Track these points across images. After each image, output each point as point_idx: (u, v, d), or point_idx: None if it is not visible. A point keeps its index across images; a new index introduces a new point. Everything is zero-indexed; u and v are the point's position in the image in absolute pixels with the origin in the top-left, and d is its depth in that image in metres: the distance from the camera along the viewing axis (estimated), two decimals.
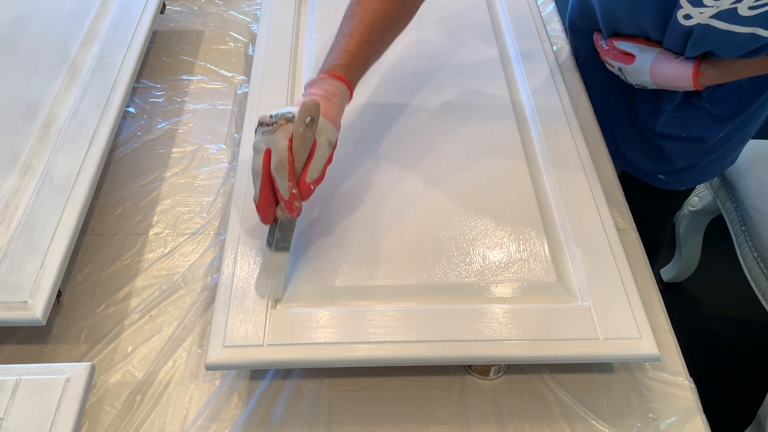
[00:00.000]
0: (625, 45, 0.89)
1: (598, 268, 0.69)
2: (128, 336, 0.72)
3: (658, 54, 0.86)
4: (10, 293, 0.65)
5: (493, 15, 1.02)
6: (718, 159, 1.04)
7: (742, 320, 1.66)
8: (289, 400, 0.67)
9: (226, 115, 0.97)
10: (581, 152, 0.81)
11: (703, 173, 1.07)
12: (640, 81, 0.90)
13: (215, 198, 0.86)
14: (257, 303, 0.65)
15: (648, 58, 0.86)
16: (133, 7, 0.99)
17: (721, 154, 1.03)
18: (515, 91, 0.90)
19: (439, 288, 0.68)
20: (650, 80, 0.88)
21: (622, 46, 0.89)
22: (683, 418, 0.66)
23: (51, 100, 0.84)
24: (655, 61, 0.86)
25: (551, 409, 0.66)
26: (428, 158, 0.81)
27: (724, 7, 0.72)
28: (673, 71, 0.85)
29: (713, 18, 0.74)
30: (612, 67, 0.94)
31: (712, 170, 1.07)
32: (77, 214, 0.72)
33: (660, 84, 0.88)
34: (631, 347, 0.63)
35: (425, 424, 0.65)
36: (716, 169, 1.07)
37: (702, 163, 1.04)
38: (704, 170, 1.06)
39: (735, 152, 1.06)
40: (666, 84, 0.87)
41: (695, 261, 1.66)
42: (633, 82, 0.92)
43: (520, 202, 0.76)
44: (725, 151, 1.03)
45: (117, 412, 0.66)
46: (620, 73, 0.93)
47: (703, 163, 1.04)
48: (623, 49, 0.89)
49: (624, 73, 0.92)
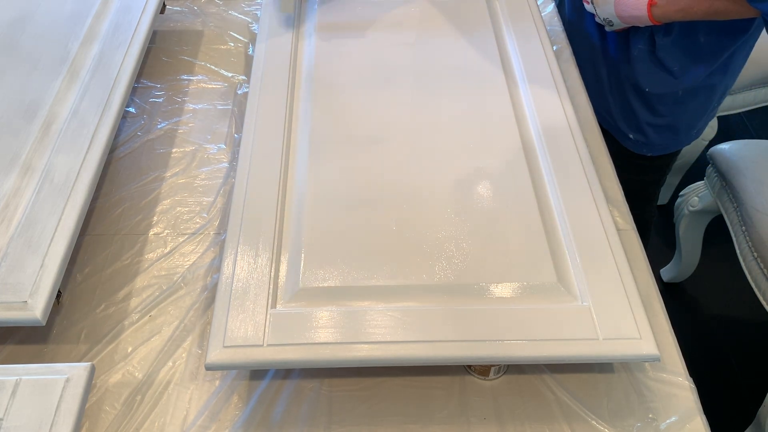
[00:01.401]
0: None
1: (598, 268, 0.69)
2: (128, 336, 0.72)
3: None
4: (10, 293, 0.65)
5: (493, 15, 1.02)
6: (684, 121, 1.13)
7: (742, 320, 1.66)
8: (289, 400, 0.67)
9: (226, 115, 0.97)
10: (581, 152, 0.81)
11: (671, 138, 1.15)
12: (606, 13, 0.99)
13: (215, 198, 0.86)
14: (257, 303, 0.65)
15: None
16: (133, 7, 0.99)
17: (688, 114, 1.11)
18: (515, 91, 0.90)
19: (439, 288, 0.67)
20: (613, 10, 0.97)
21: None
22: (683, 418, 0.66)
23: (51, 100, 0.84)
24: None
25: (551, 409, 0.66)
26: (428, 158, 0.81)
27: None
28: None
29: None
30: (587, 4, 1.02)
31: (679, 138, 1.16)
32: (77, 214, 0.72)
33: (620, 13, 0.96)
34: (631, 347, 0.63)
35: (425, 424, 0.65)
36: (682, 137, 1.16)
37: (668, 125, 1.12)
38: (671, 134, 1.14)
39: (700, 121, 1.15)
40: (624, 11, 0.94)
41: (695, 261, 1.66)
42: (601, 16, 1.01)
43: (520, 203, 0.76)
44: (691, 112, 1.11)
45: (117, 412, 0.66)
46: (593, 9, 1.01)
47: (669, 123, 1.12)
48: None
49: (594, 5, 1.00)
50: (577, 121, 0.85)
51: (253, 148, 0.80)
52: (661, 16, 0.93)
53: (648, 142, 1.16)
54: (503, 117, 0.86)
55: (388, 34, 0.98)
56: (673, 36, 1.00)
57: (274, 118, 0.84)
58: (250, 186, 0.76)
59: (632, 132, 1.16)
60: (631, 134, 1.16)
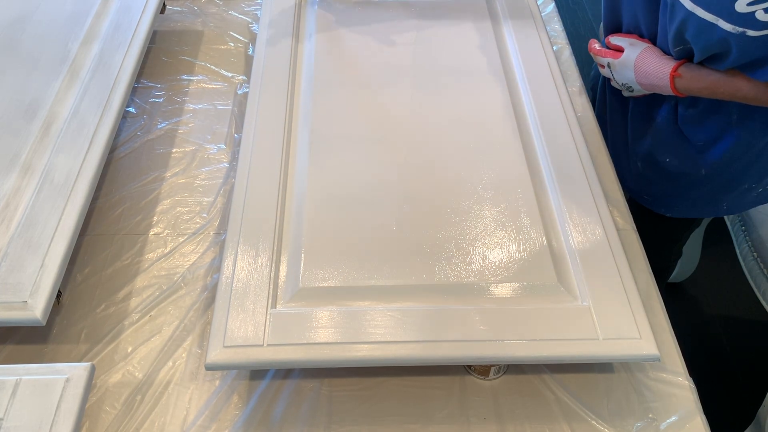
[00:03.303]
0: (618, 40, 0.91)
1: (598, 268, 0.69)
2: (128, 336, 0.72)
3: (645, 48, 0.88)
4: (10, 293, 0.65)
5: (493, 15, 1.02)
6: (705, 197, 1.01)
7: (742, 320, 1.66)
8: (289, 400, 0.67)
9: (226, 115, 0.97)
10: (581, 152, 0.81)
11: (689, 207, 1.04)
12: (625, 78, 0.91)
13: (215, 198, 0.86)
14: (257, 303, 0.65)
15: (635, 52, 0.88)
16: (133, 7, 0.99)
17: (708, 193, 1.00)
18: (515, 91, 0.90)
19: (439, 288, 0.67)
20: (633, 76, 0.89)
21: (615, 41, 0.92)
22: (683, 418, 0.66)
23: (51, 100, 0.84)
24: (641, 54, 0.88)
25: (551, 409, 0.66)
26: (428, 158, 0.81)
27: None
28: (654, 66, 0.86)
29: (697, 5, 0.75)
30: (603, 69, 0.95)
31: (699, 208, 1.04)
32: (77, 214, 0.72)
33: (641, 79, 0.89)
34: (631, 347, 0.63)
35: (425, 424, 0.65)
36: (706, 209, 1.04)
37: (685, 196, 1.02)
38: (690, 205, 1.03)
39: (725, 198, 1.01)
40: (646, 80, 0.88)
41: (695, 261, 1.66)
42: (619, 80, 0.93)
43: (520, 202, 0.76)
44: (712, 190, 0.99)
45: (117, 412, 0.66)
46: (609, 73, 0.94)
47: (687, 196, 1.02)
48: (616, 44, 0.92)
49: (612, 70, 0.93)
50: (577, 121, 0.85)
51: (253, 148, 0.80)
52: (684, 89, 0.85)
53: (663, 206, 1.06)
54: (503, 117, 0.86)
55: (387, 34, 0.98)
56: (700, 108, 0.90)
57: (274, 118, 0.84)
58: (250, 186, 0.76)
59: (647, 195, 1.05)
60: (646, 196, 1.06)
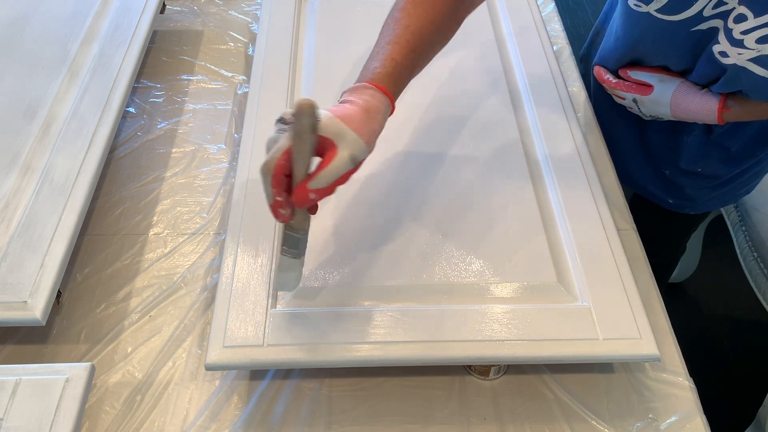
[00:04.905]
0: (642, 75, 0.86)
1: (598, 268, 0.69)
2: (128, 336, 0.72)
3: (680, 85, 0.83)
4: (10, 293, 0.65)
5: (493, 15, 1.02)
6: (732, 190, 1.02)
7: (742, 320, 1.66)
8: (289, 400, 0.67)
9: (226, 115, 0.97)
10: (581, 152, 0.81)
11: (716, 202, 1.04)
12: (657, 112, 0.87)
13: (215, 198, 0.86)
14: (257, 303, 0.65)
15: (669, 89, 0.83)
16: (133, 7, 0.99)
17: (736, 185, 1.01)
18: (515, 91, 0.90)
19: (439, 288, 0.68)
20: (669, 112, 0.85)
21: (638, 77, 0.86)
22: (683, 418, 0.66)
23: (51, 100, 0.84)
24: (677, 92, 0.83)
25: (551, 409, 0.66)
26: (428, 157, 0.81)
27: (766, 52, 0.69)
28: (696, 104, 0.81)
29: (751, 62, 0.72)
30: (622, 99, 0.90)
31: (725, 200, 1.04)
32: (77, 214, 0.72)
33: (679, 116, 0.85)
34: (631, 347, 0.63)
35: (425, 424, 0.65)
36: (729, 198, 1.04)
37: (714, 195, 1.02)
38: (718, 199, 1.03)
39: (750, 184, 1.03)
40: (686, 116, 0.84)
41: (695, 261, 1.66)
42: (647, 113, 0.89)
43: (519, 202, 0.76)
44: (740, 183, 1.00)
45: (117, 412, 0.66)
46: (633, 105, 0.89)
47: (715, 194, 1.02)
48: (639, 79, 0.86)
49: (639, 105, 0.88)
50: (578, 121, 0.85)
51: (253, 148, 0.80)
52: (731, 120, 0.82)
53: (690, 206, 1.04)
54: (503, 117, 0.86)
55: None
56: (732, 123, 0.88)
57: (274, 118, 0.84)
58: (250, 186, 0.76)
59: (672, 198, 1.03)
60: (671, 200, 1.04)
